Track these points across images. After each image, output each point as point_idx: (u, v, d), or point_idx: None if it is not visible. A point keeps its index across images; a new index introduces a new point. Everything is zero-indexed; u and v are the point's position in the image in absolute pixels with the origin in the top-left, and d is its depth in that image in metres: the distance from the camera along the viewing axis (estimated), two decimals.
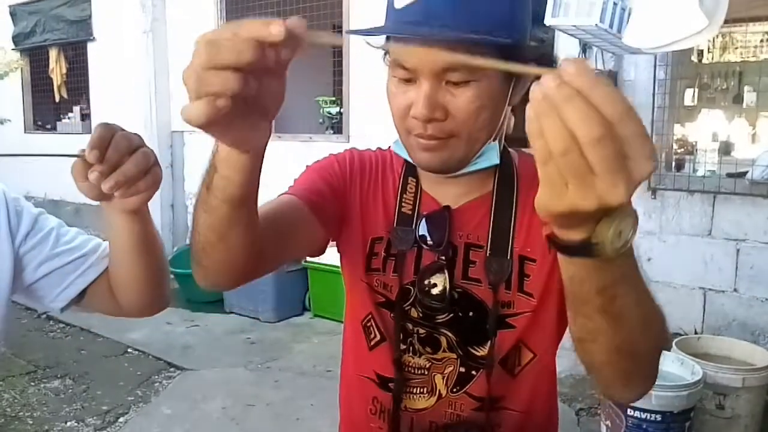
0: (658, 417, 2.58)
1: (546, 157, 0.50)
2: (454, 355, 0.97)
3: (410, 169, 1.01)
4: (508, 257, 0.94)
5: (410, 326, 0.98)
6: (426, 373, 0.99)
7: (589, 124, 0.47)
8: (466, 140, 0.88)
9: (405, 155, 0.95)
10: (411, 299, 0.97)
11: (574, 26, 2.60)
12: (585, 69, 0.48)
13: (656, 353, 0.76)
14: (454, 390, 0.98)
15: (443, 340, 0.97)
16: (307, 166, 1.08)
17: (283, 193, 0.98)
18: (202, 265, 0.81)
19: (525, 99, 0.93)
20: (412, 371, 0.99)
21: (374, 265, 1.00)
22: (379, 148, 1.09)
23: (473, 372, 0.97)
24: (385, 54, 0.92)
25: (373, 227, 1.00)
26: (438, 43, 0.81)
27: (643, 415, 2.60)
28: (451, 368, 0.97)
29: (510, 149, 1.00)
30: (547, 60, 0.97)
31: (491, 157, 0.92)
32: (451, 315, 0.96)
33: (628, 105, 0.48)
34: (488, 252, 0.95)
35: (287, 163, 5.82)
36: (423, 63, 0.83)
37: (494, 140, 0.93)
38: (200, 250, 0.78)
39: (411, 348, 0.98)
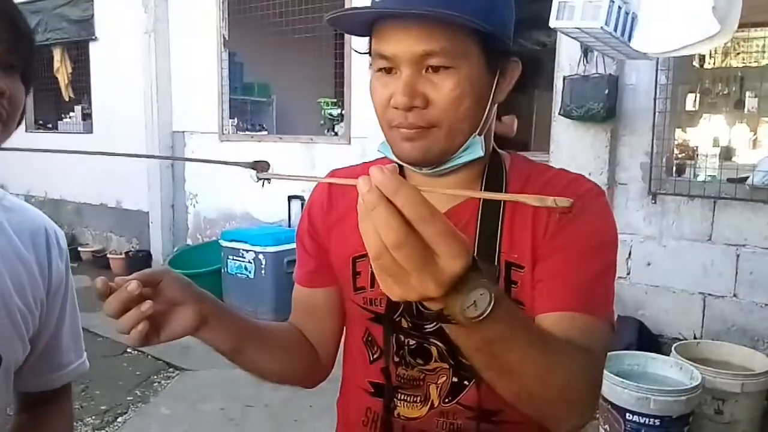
0: (657, 422, 2.58)
1: (371, 257, 0.55)
2: (446, 365, 0.95)
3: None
4: (495, 263, 0.91)
5: (402, 338, 0.97)
6: (420, 383, 0.97)
7: (389, 229, 0.52)
8: (447, 130, 0.86)
9: (391, 155, 0.93)
10: (401, 309, 0.96)
11: (579, 29, 2.59)
12: (388, 174, 0.52)
13: (568, 396, 0.77)
14: (446, 400, 0.96)
15: (434, 350, 0.95)
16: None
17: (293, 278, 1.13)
18: (283, 384, 1.10)
19: (515, 100, 0.94)
20: (407, 382, 0.98)
21: (360, 284, 0.99)
22: (365, 163, 1.08)
23: (465, 382, 0.95)
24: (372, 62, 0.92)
25: (354, 246, 0.99)
26: (416, 26, 0.81)
27: (642, 420, 2.60)
28: (444, 378, 0.96)
29: (500, 150, 0.99)
30: (538, 65, 0.96)
31: (475, 150, 0.90)
32: (439, 324, 0.94)
33: (430, 207, 0.52)
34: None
35: (288, 165, 5.83)
36: (402, 49, 0.83)
37: (479, 134, 0.90)
38: (266, 380, 1.05)
39: (403, 361, 0.97)
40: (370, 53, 0.93)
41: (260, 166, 0.69)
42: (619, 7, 2.50)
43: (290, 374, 1.06)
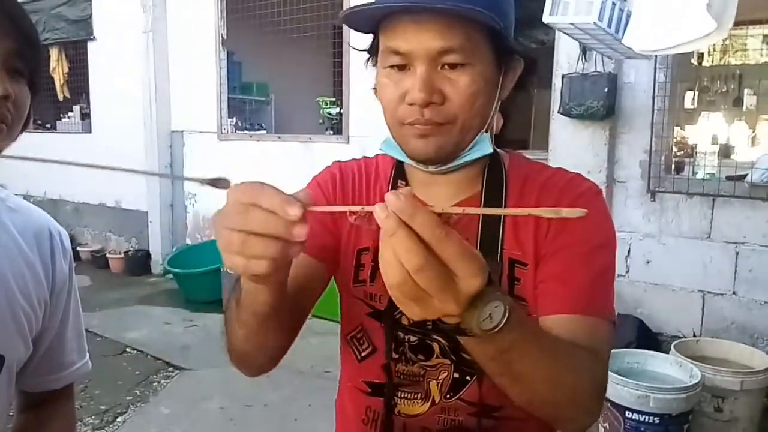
0: (656, 419, 2.58)
1: (391, 285, 0.56)
2: (447, 361, 0.95)
3: (399, 172, 0.99)
4: (498, 260, 0.91)
5: (401, 335, 0.96)
6: (421, 379, 0.97)
7: (409, 253, 0.53)
8: (460, 127, 0.86)
9: (395, 153, 0.93)
10: None
11: (572, 24, 2.58)
12: (404, 199, 0.52)
13: (577, 398, 0.79)
14: (448, 396, 0.96)
15: (435, 346, 0.95)
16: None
17: None
18: (242, 366, 0.93)
19: (513, 99, 0.95)
20: (407, 378, 0.98)
21: (361, 277, 0.99)
22: (365, 157, 1.07)
23: (467, 378, 0.95)
24: (369, 58, 0.92)
25: (359, 239, 0.99)
26: (433, 22, 0.80)
27: (642, 418, 2.60)
28: (446, 374, 0.96)
29: (499, 149, 0.99)
30: (534, 64, 0.96)
31: (483, 147, 0.90)
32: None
33: (446, 229, 0.54)
34: None
35: (287, 164, 5.83)
36: (418, 45, 0.82)
37: (485, 131, 0.91)
38: (238, 357, 0.89)
39: (403, 357, 0.97)
40: (369, 50, 0.92)
41: (221, 184, 0.67)
42: (614, 3, 2.49)
43: (266, 351, 0.91)
